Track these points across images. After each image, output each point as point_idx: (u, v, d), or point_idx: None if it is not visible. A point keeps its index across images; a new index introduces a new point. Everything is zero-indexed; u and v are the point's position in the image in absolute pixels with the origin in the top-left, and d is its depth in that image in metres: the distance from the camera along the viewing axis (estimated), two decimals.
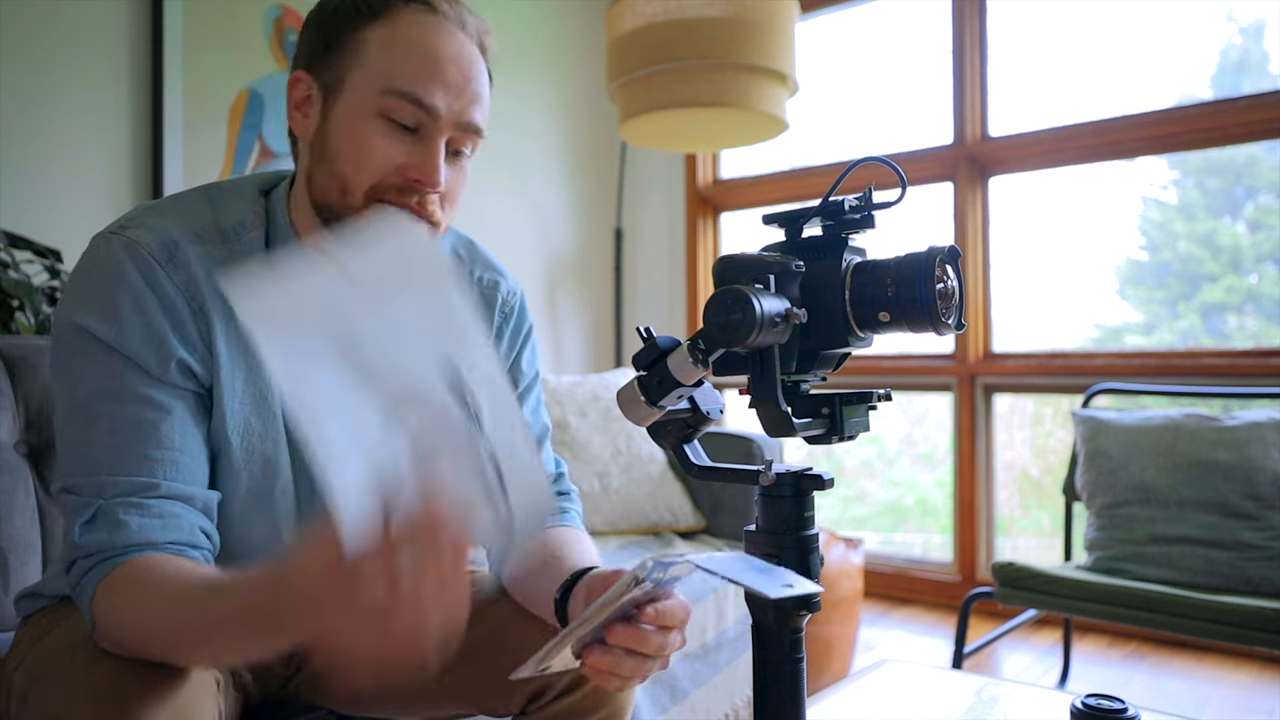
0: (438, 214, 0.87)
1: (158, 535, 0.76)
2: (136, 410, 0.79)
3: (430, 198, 0.86)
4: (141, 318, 0.81)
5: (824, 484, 0.67)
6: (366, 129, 0.84)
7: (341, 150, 0.84)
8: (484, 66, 0.90)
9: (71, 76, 1.97)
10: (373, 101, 0.83)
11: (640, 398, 0.68)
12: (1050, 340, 2.97)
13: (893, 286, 0.65)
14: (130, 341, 0.80)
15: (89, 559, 0.75)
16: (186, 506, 0.80)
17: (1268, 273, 2.77)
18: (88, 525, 0.76)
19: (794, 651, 0.68)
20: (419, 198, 0.85)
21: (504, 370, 1.00)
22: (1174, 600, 1.68)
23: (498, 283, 1.06)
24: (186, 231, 0.85)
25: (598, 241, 3.34)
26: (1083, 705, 0.83)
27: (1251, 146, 2.68)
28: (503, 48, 3.18)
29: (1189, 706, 2.07)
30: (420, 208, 0.85)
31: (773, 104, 2.25)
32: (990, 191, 2.89)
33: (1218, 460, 1.86)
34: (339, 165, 0.84)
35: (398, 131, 0.84)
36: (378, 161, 0.84)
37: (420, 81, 0.83)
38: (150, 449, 0.79)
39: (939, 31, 2.95)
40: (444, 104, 0.84)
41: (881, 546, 3.32)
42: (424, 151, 0.84)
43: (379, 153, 0.84)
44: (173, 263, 0.83)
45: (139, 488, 0.77)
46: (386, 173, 0.84)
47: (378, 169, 0.84)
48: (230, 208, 0.89)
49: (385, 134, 0.84)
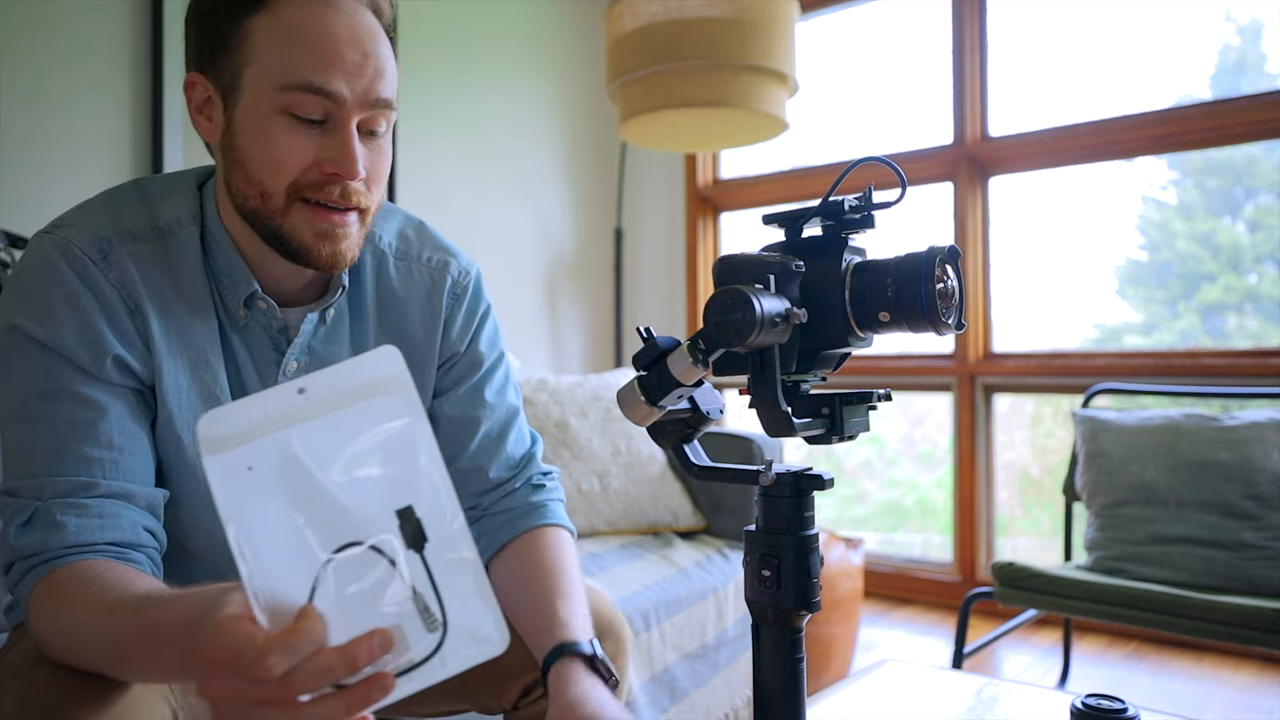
0: (363, 200, 0.85)
1: (96, 536, 0.75)
2: (72, 409, 0.78)
3: (353, 186, 0.83)
4: (75, 315, 0.79)
5: (824, 484, 0.67)
6: (272, 129, 0.80)
7: (251, 155, 0.82)
8: (382, 34, 0.86)
9: (72, 77, 1.97)
10: (272, 99, 0.80)
11: (640, 398, 0.68)
12: (1050, 340, 2.97)
13: (893, 286, 0.65)
14: (64, 339, 0.78)
15: (25, 561, 0.74)
16: (128, 505, 0.78)
17: (1267, 273, 2.77)
18: (24, 527, 0.74)
19: (794, 651, 0.68)
20: (340, 189, 0.83)
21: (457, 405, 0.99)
22: (1174, 600, 1.68)
23: (447, 263, 1.02)
24: (119, 230, 0.84)
25: (598, 241, 3.34)
26: (1083, 705, 0.83)
27: (1251, 146, 2.68)
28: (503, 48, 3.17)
29: (1189, 706, 2.07)
30: (344, 199, 0.83)
31: (773, 104, 2.25)
32: (990, 191, 2.89)
33: (1218, 460, 1.86)
34: (252, 170, 0.82)
35: (304, 125, 0.81)
36: (290, 162, 0.81)
37: (316, 69, 0.79)
38: (88, 448, 0.77)
39: (939, 31, 2.95)
40: (347, 88, 0.80)
41: (881, 546, 3.32)
42: (336, 142, 0.81)
43: (290, 152, 0.81)
44: (106, 261, 0.81)
45: (77, 488, 0.76)
46: (302, 170, 0.81)
47: (292, 168, 0.81)
48: (166, 203, 0.87)
49: (292, 131, 0.80)
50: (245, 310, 0.88)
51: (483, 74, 2.93)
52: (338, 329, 0.94)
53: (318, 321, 0.92)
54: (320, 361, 0.92)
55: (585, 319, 3.30)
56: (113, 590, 0.70)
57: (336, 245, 0.84)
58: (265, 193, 0.82)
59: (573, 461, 2.00)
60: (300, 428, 0.55)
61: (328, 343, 0.93)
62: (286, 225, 0.83)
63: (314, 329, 0.92)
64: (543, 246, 3.14)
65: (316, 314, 0.91)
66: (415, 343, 0.98)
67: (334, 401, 0.56)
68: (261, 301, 0.88)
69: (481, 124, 2.93)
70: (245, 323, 0.89)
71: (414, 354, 0.98)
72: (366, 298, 0.97)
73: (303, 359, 0.91)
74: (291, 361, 0.90)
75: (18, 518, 0.75)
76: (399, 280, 0.98)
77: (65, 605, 0.71)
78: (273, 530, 0.53)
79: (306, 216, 0.83)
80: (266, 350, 0.90)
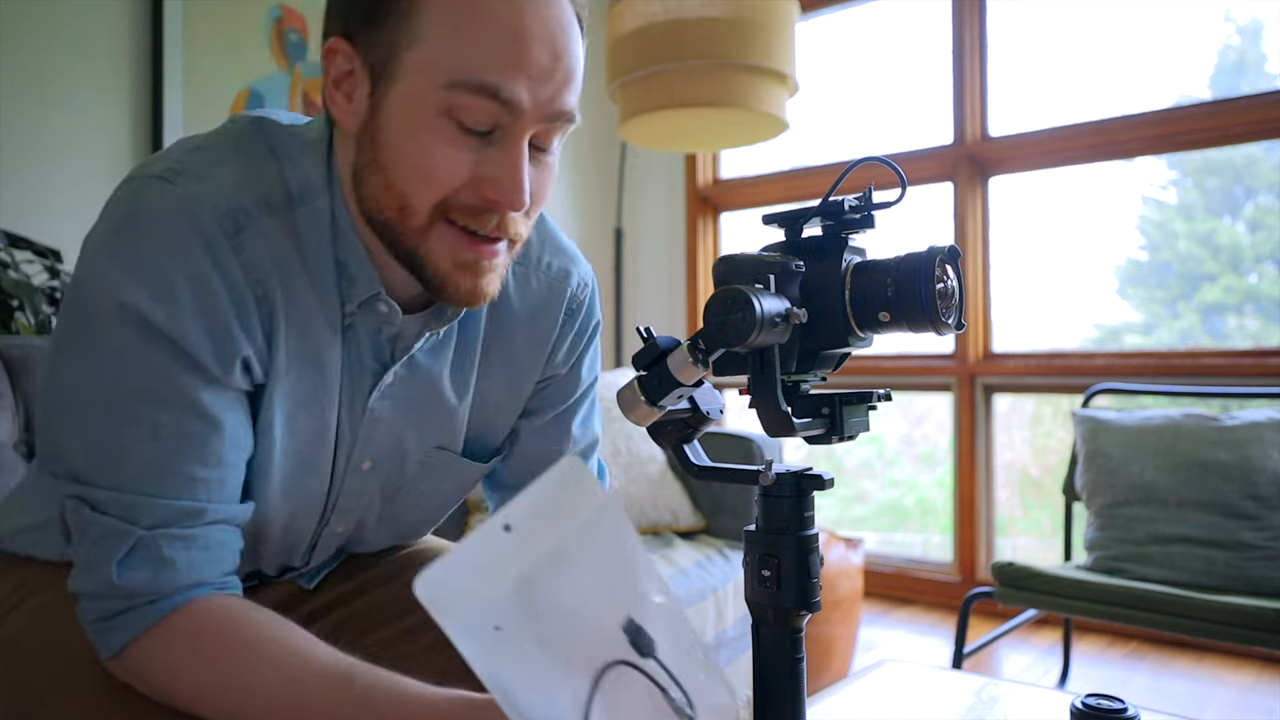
0: (520, 231, 0.71)
1: (206, 573, 0.67)
2: (182, 418, 0.65)
3: (511, 217, 0.69)
4: (204, 303, 0.65)
5: (824, 484, 0.67)
6: (430, 134, 0.65)
7: (399, 160, 0.67)
8: (578, 29, 0.69)
9: (72, 77, 1.97)
10: (436, 97, 0.64)
11: (640, 398, 0.68)
12: (1050, 340, 2.97)
13: (893, 286, 0.65)
14: (189, 332, 0.65)
15: (127, 600, 0.65)
16: (229, 529, 0.70)
17: (1267, 273, 2.77)
18: (125, 562, 0.64)
19: (794, 651, 0.67)
20: (498, 219, 0.68)
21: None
22: (1174, 600, 1.68)
23: (569, 272, 0.88)
24: (256, 196, 0.69)
25: (598, 241, 3.34)
26: (1083, 705, 0.83)
27: (1250, 146, 2.69)
28: None
29: (1189, 706, 2.07)
30: (499, 230, 0.69)
31: (773, 104, 2.25)
32: (990, 191, 2.89)
33: (1218, 460, 1.86)
34: (395, 177, 0.67)
35: (466, 137, 0.66)
36: (445, 177, 0.66)
37: (497, 67, 0.64)
38: (195, 466, 0.66)
39: (939, 31, 2.95)
40: (529, 96, 0.65)
41: (881, 546, 3.32)
42: (503, 161, 0.67)
43: (446, 165, 0.66)
44: (240, 237, 0.67)
45: (182, 515, 0.66)
46: (456, 188, 0.67)
47: (446, 184, 0.66)
48: (297, 161, 0.72)
49: (453, 139, 0.66)
50: (355, 310, 0.74)
51: None
52: (445, 342, 0.81)
53: (429, 336, 0.78)
54: (420, 376, 0.80)
55: None
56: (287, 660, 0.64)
57: (479, 279, 0.70)
58: (407, 208, 0.68)
59: None
60: (527, 571, 0.53)
61: (432, 357, 0.80)
62: (424, 249, 0.69)
63: (424, 340, 0.78)
64: None
65: (437, 332, 0.79)
66: (519, 359, 0.87)
67: (541, 530, 0.54)
68: (383, 305, 0.74)
69: None
70: (350, 322, 0.74)
71: (514, 370, 0.87)
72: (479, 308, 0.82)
73: (401, 372, 0.78)
74: (390, 375, 0.77)
75: (116, 550, 0.64)
76: (515, 288, 0.84)
77: (212, 661, 0.65)
78: (526, 677, 0.52)
79: (450, 242, 0.69)
80: (367, 359, 0.76)
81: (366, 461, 0.81)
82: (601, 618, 0.56)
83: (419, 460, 0.84)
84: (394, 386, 0.78)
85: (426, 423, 0.82)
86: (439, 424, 0.84)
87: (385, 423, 0.79)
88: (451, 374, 0.82)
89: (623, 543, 0.58)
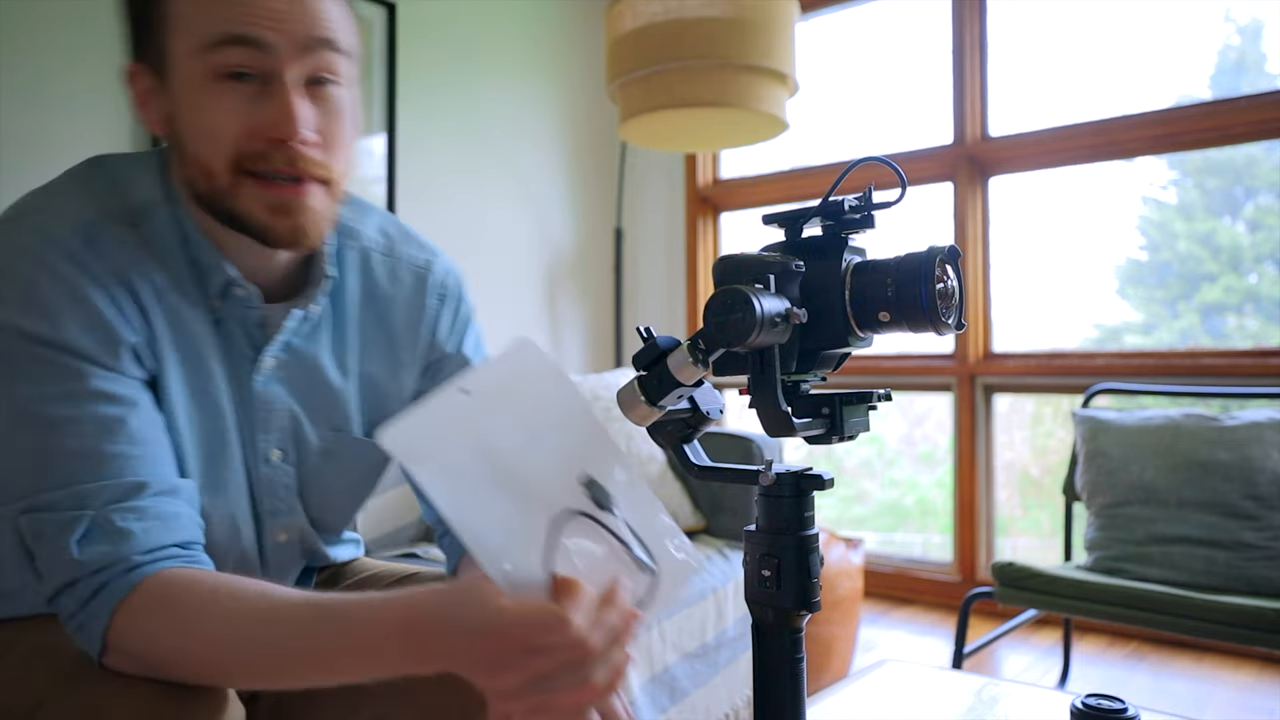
0: (317, 167, 0.76)
1: (164, 538, 0.70)
2: (97, 408, 0.70)
3: (300, 151, 0.74)
4: (77, 305, 0.71)
5: (824, 484, 0.67)
6: (204, 98, 0.72)
7: (189, 130, 0.74)
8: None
9: (72, 78, 1.97)
10: (199, 64, 0.72)
11: (640, 398, 0.68)
12: (1050, 340, 2.97)
13: (893, 286, 0.65)
14: (72, 334, 0.70)
15: (95, 576, 0.67)
16: (176, 499, 0.73)
17: (1267, 273, 2.77)
18: (84, 540, 0.67)
19: (794, 651, 0.68)
20: (285, 155, 0.73)
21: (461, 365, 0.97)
22: (1174, 600, 1.68)
23: (431, 262, 0.96)
24: (100, 212, 0.75)
25: (598, 241, 3.34)
26: (1083, 705, 0.83)
27: (1250, 146, 2.69)
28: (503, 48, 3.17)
29: (1189, 706, 2.07)
30: (291, 167, 0.74)
31: (773, 104, 2.25)
32: (990, 191, 2.89)
33: (1218, 460, 1.86)
34: (191, 148, 0.74)
35: (237, 88, 0.72)
36: (224, 128, 0.72)
37: (235, 17, 0.71)
38: (124, 446, 0.70)
39: (939, 31, 2.95)
40: (273, 34, 0.71)
41: (881, 546, 3.32)
42: (273, 99, 0.72)
43: (222, 117, 0.72)
44: (94, 247, 0.73)
45: (128, 490, 0.69)
46: (240, 139, 0.73)
47: (228, 136, 0.72)
48: (135, 183, 0.79)
49: (223, 94, 0.72)
50: (220, 301, 0.80)
51: (483, 74, 2.93)
52: (320, 326, 0.88)
53: (302, 318, 0.85)
54: (300, 359, 0.86)
55: (585, 319, 3.30)
56: (252, 601, 0.67)
57: (295, 219, 0.76)
58: (209, 172, 0.74)
59: None
60: (487, 429, 0.60)
61: (309, 340, 0.87)
62: (239, 205, 0.75)
63: (298, 325, 0.85)
64: (543, 246, 3.14)
65: (302, 311, 0.84)
66: (398, 342, 0.94)
67: (498, 396, 0.61)
68: (239, 289, 0.80)
69: (482, 124, 2.93)
70: (220, 315, 0.81)
71: (394, 354, 0.93)
72: (349, 294, 0.90)
73: (281, 356, 0.84)
74: (269, 359, 0.83)
75: (71, 531, 0.67)
76: (384, 277, 0.92)
77: (185, 620, 0.67)
78: (490, 520, 0.58)
79: (255, 192, 0.74)
80: (243, 347, 0.82)
81: (275, 451, 0.85)
82: (560, 473, 0.62)
83: (319, 447, 0.88)
84: (278, 371, 0.84)
85: (315, 404, 0.88)
86: (328, 405, 0.89)
87: (278, 406, 0.85)
88: (332, 355, 0.89)
89: (579, 413, 0.64)
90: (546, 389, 0.63)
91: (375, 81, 2.59)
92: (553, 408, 0.63)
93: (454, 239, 2.83)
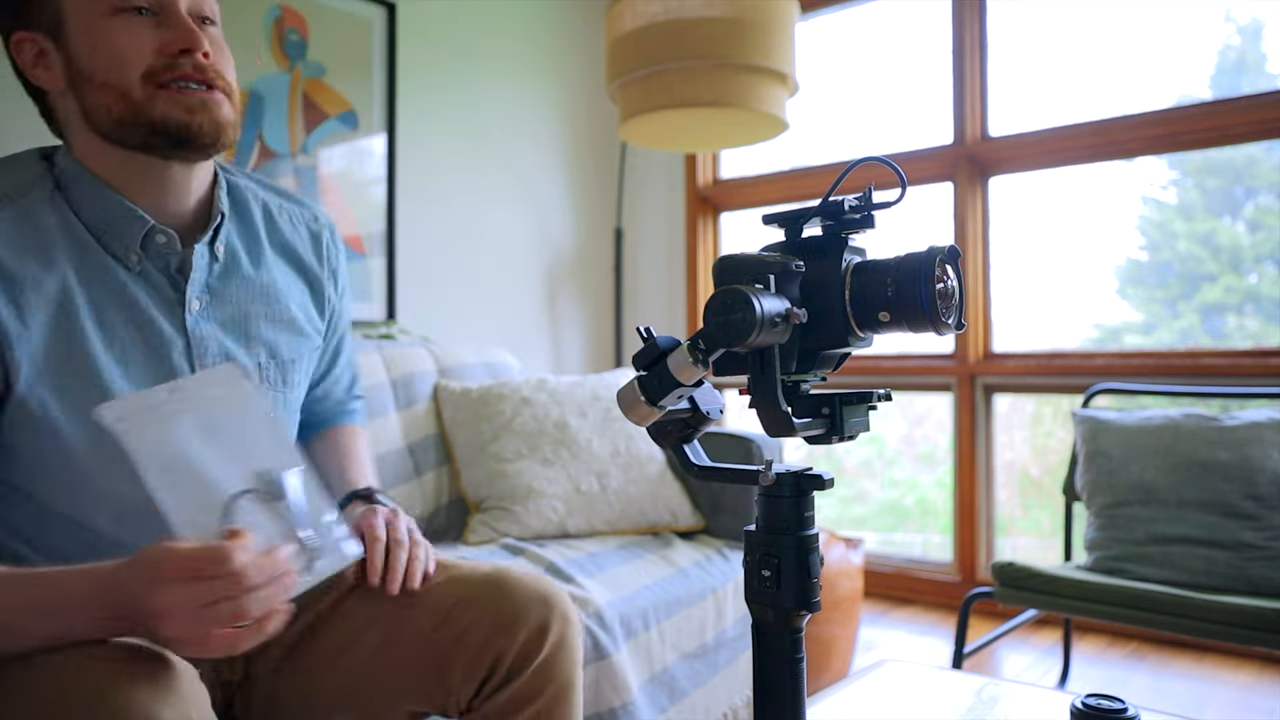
0: (220, 78, 0.88)
1: None
2: None
3: (204, 63, 0.86)
4: None
5: (824, 484, 0.67)
6: (108, 29, 0.83)
7: (96, 62, 0.84)
8: None
9: None
10: (100, 5, 0.83)
11: (640, 398, 0.68)
12: (1050, 340, 2.97)
13: (893, 286, 0.65)
14: None
15: None
16: None
17: (1267, 273, 2.77)
18: None
19: (794, 651, 0.68)
20: (193, 63, 0.85)
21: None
22: (1174, 600, 1.68)
23: (316, 213, 1.08)
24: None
25: (598, 241, 3.34)
26: (1083, 705, 0.83)
27: (1251, 146, 2.68)
28: (503, 48, 3.15)
29: (1189, 706, 2.07)
30: (199, 74, 0.85)
31: (773, 104, 2.25)
32: (990, 191, 2.89)
33: (1218, 460, 1.86)
34: (101, 76, 0.84)
35: (139, 20, 0.84)
36: (134, 51, 0.84)
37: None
38: None
39: (939, 31, 2.95)
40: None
41: (881, 546, 3.32)
42: (172, 22, 0.85)
43: (131, 42, 0.83)
44: None
45: None
46: (149, 57, 0.84)
47: (138, 57, 0.84)
48: (5, 174, 0.87)
49: (128, 25, 0.84)
50: (139, 254, 0.88)
51: (483, 74, 2.93)
52: (234, 267, 0.96)
53: (210, 257, 0.93)
54: (222, 301, 0.94)
55: (585, 319, 3.30)
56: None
57: (214, 114, 0.86)
58: (123, 91, 0.83)
59: (572, 461, 2.00)
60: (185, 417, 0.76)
61: (226, 280, 0.95)
62: (158, 113, 0.84)
63: (208, 265, 0.93)
64: (543, 246, 3.14)
65: (205, 246, 0.92)
66: (315, 281, 1.06)
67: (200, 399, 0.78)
68: (161, 235, 0.88)
69: (482, 124, 2.93)
70: (140, 268, 0.88)
71: (316, 291, 1.06)
72: (260, 236, 1.00)
73: (204, 297, 0.92)
74: (194, 300, 0.91)
75: None
76: (286, 222, 1.04)
77: None
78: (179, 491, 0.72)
79: (171, 97, 0.84)
80: (167, 291, 0.90)
81: None
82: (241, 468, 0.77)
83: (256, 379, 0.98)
84: (205, 310, 0.92)
85: (249, 331, 0.97)
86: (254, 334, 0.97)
87: (211, 343, 0.93)
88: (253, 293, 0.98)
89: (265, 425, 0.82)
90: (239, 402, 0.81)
91: (375, 81, 2.59)
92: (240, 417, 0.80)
93: (454, 239, 2.83)
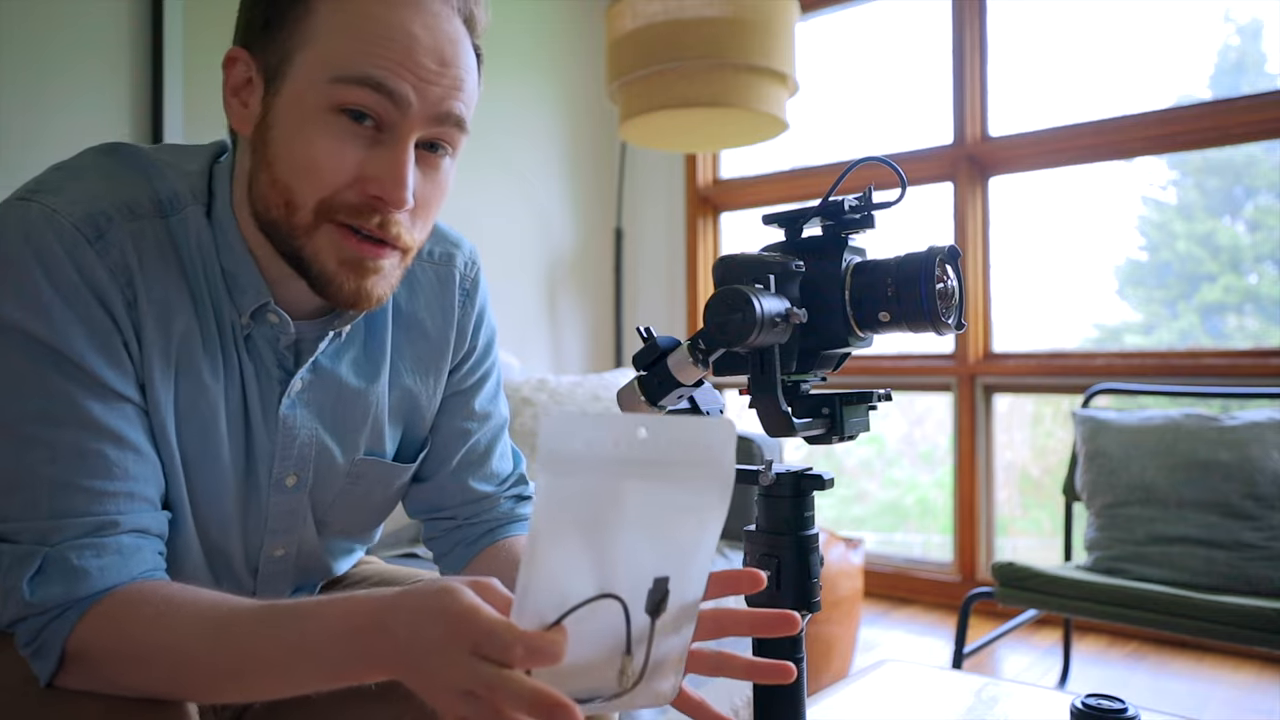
0: (405, 237, 0.71)
1: (122, 573, 0.65)
2: (79, 436, 0.65)
3: (395, 217, 0.69)
4: (77, 311, 0.66)
5: (824, 484, 0.67)
6: (314, 127, 0.67)
7: (284, 153, 0.68)
8: (469, 44, 0.73)
9: (72, 77, 1.97)
10: (322, 92, 0.66)
11: (640, 398, 0.68)
12: (1050, 340, 2.97)
13: (893, 286, 0.65)
14: (70, 341, 0.65)
15: (44, 615, 0.64)
16: (145, 537, 0.68)
17: (1267, 273, 2.77)
18: (36, 579, 0.63)
19: (794, 651, 0.68)
20: (380, 219, 0.69)
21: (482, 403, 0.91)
22: (1174, 600, 1.68)
23: (452, 255, 0.89)
24: (116, 203, 0.69)
25: (598, 241, 3.34)
26: (1083, 705, 0.83)
27: (1250, 146, 2.68)
28: (503, 48, 3.16)
29: (1189, 706, 2.07)
30: (382, 231, 0.69)
31: (773, 104, 2.25)
32: (990, 191, 2.89)
33: (1218, 460, 1.86)
34: (281, 173, 0.69)
35: (355, 130, 0.67)
36: (328, 168, 0.67)
37: (381, 63, 0.66)
38: (102, 482, 0.66)
39: (939, 31, 2.95)
40: (414, 92, 0.67)
41: (881, 546, 3.32)
42: (388, 157, 0.68)
43: (329, 157, 0.67)
44: (103, 240, 0.67)
45: (94, 529, 0.65)
46: (340, 185, 0.68)
47: (328, 178, 0.68)
48: (165, 175, 0.74)
49: (338, 134, 0.67)
50: (250, 321, 0.75)
51: (483, 74, 2.92)
52: (349, 343, 0.82)
53: (332, 338, 0.79)
54: (325, 376, 0.80)
55: (585, 319, 3.30)
56: (205, 610, 0.63)
57: (364, 280, 0.71)
58: (291, 204, 0.69)
59: None
60: (634, 482, 0.52)
61: (335, 358, 0.81)
62: (310, 248, 0.70)
63: (328, 345, 0.79)
64: (543, 246, 3.14)
65: (333, 332, 0.79)
66: (432, 350, 0.88)
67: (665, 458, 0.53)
68: (273, 315, 0.75)
69: (481, 124, 2.91)
70: (248, 332, 0.76)
71: (430, 363, 0.88)
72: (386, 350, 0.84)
73: (307, 376, 0.79)
74: (297, 381, 0.78)
75: (26, 568, 0.63)
76: (404, 286, 0.86)
77: (137, 634, 0.63)
78: (560, 556, 0.52)
79: (334, 240, 0.69)
80: (270, 367, 0.77)
81: (290, 476, 0.80)
82: (648, 560, 0.55)
83: (348, 470, 0.84)
84: (304, 394, 0.79)
85: (347, 427, 0.82)
86: (359, 428, 0.83)
87: (304, 432, 0.79)
88: (362, 372, 0.83)
89: (708, 521, 0.55)
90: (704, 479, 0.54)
91: None
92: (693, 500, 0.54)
93: None
